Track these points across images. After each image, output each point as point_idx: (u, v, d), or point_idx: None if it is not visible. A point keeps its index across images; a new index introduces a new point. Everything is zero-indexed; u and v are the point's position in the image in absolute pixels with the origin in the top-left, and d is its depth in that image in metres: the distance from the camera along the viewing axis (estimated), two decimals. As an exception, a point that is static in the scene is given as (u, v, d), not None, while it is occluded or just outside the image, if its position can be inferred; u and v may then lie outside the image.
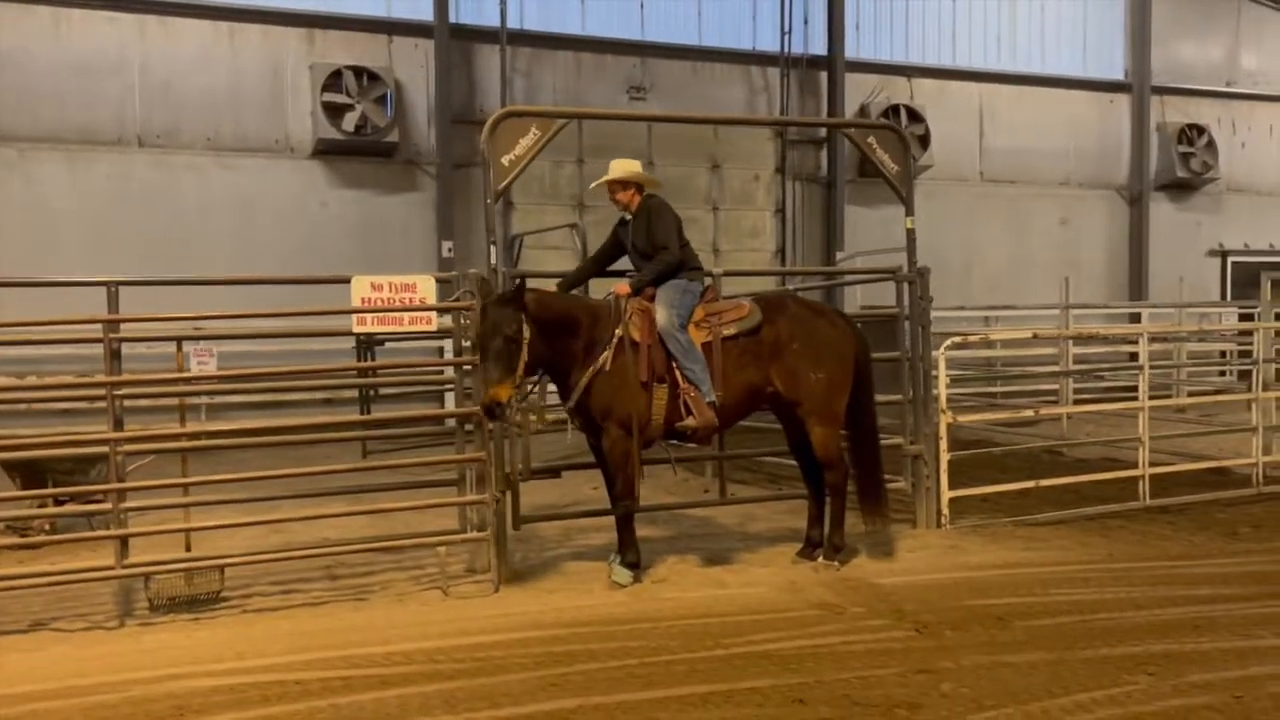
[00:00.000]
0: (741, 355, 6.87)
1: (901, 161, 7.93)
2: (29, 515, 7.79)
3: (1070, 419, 13.84)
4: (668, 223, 6.94)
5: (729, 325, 6.88)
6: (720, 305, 7.00)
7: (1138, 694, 4.73)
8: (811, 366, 6.90)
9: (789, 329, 6.93)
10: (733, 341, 6.87)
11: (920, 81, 19.37)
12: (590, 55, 17.41)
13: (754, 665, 5.14)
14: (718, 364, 6.78)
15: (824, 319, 7.15)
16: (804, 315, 7.08)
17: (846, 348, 7.07)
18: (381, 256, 15.43)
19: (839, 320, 7.28)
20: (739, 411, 7.08)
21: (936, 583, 6.61)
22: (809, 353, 6.91)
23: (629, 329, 6.68)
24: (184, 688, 4.90)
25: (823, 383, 6.90)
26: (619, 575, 6.69)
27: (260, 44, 15.60)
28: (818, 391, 6.91)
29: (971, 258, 19.65)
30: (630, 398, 6.60)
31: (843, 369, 7.02)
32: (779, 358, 6.90)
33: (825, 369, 6.92)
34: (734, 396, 6.85)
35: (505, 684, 4.93)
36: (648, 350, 6.67)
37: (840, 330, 7.13)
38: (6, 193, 14.40)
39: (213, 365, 11.06)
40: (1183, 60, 21.36)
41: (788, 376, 6.90)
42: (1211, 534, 7.97)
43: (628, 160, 7.17)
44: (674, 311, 6.75)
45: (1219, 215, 21.77)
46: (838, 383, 6.99)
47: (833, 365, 6.96)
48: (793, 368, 6.89)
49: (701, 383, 6.69)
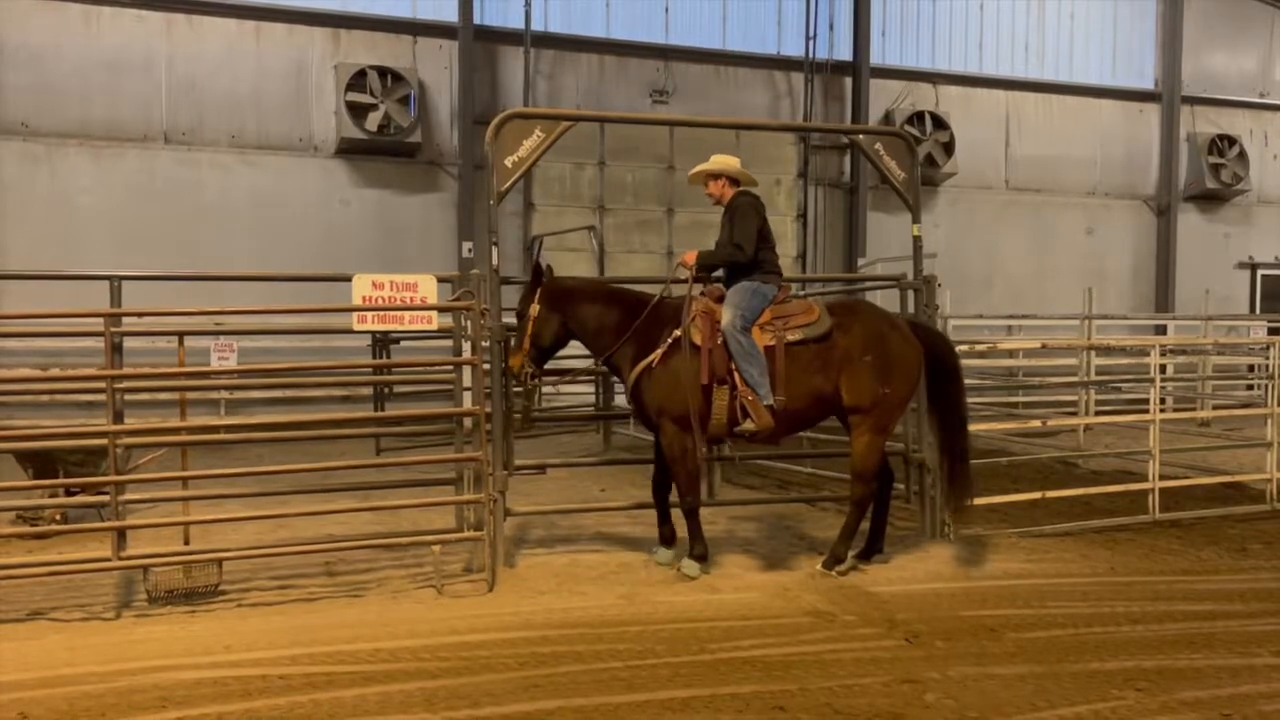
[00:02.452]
0: (810, 361, 6.83)
1: (909, 169, 7.87)
2: (39, 505, 7.91)
3: (1088, 430, 13.70)
4: (749, 222, 6.98)
5: (795, 330, 6.85)
6: (789, 308, 6.96)
7: (1124, 710, 4.68)
8: (881, 380, 6.82)
9: (863, 340, 6.84)
10: (800, 346, 6.83)
11: (946, 88, 19.27)
12: (613, 58, 17.45)
13: (738, 671, 5.12)
14: (780, 368, 6.76)
15: (898, 332, 7.00)
16: (879, 328, 6.93)
17: (915, 362, 6.98)
18: (402, 256, 15.54)
19: (910, 333, 7.09)
20: (805, 417, 7.07)
21: (932, 592, 6.56)
22: (880, 365, 6.82)
23: (690, 330, 6.76)
24: (170, 679, 4.95)
25: (887, 397, 6.84)
26: (688, 568, 6.88)
27: (285, 43, 15.75)
28: (880, 405, 6.85)
29: (994, 266, 19.53)
30: (686, 397, 6.71)
31: (908, 385, 6.99)
32: (849, 367, 6.82)
33: (893, 384, 6.85)
34: (799, 401, 6.84)
35: (488, 683, 4.94)
36: (709, 353, 6.73)
37: (912, 345, 6.99)
38: (33, 187, 14.61)
39: (233, 360, 11.18)
40: (1214, 70, 21.13)
41: (855, 386, 6.82)
42: (1220, 549, 7.85)
43: (727, 156, 7.29)
44: (739, 313, 6.76)
45: (1249, 227, 21.51)
46: (901, 398, 6.97)
47: (900, 381, 6.89)
48: (862, 379, 6.81)
49: (759, 386, 6.69)
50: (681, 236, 17.68)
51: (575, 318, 6.98)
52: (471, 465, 6.87)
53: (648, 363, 6.81)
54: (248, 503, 7.15)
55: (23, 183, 14.59)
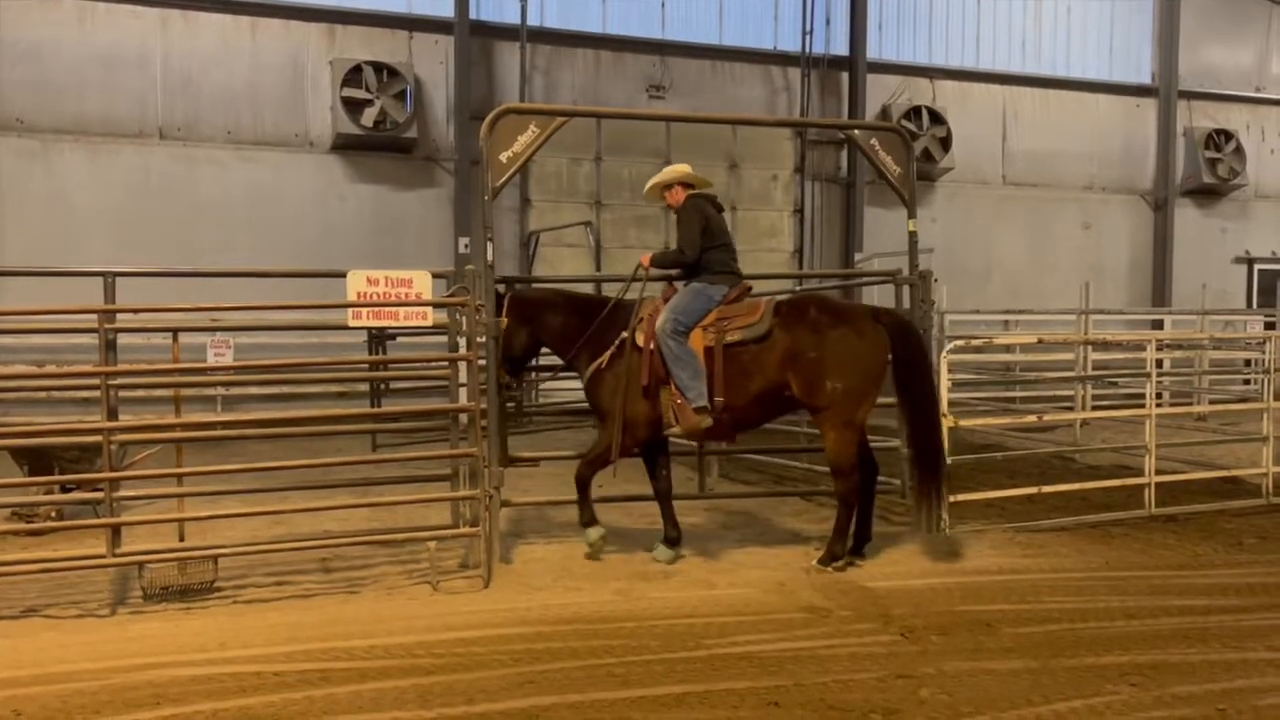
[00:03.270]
0: (752, 361, 6.86)
1: (904, 164, 7.87)
2: (34, 502, 7.89)
3: (1084, 425, 13.70)
4: (691, 224, 7.09)
5: (735, 331, 6.88)
6: (735, 309, 6.99)
7: (1118, 704, 4.67)
8: (828, 375, 6.75)
9: (806, 336, 6.81)
10: (740, 347, 6.86)
11: (943, 83, 19.26)
12: (610, 53, 17.43)
13: (733, 667, 5.11)
14: (719, 369, 6.81)
15: (846, 326, 6.88)
16: (824, 322, 6.86)
17: (872, 354, 6.86)
18: (398, 251, 15.52)
19: (867, 325, 6.95)
20: (755, 415, 7.12)
21: (928, 587, 6.56)
22: (826, 361, 6.76)
23: (636, 333, 6.92)
24: (164, 677, 4.94)
25: (839, 392, 6.76)
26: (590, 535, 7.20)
27: (281, 38, 15.73)
28: (834, 400, 6.79)
29: (992, 261, 19.54)
30: (626, 398, 6.92)
31: (862, 378, 6.83)
32: (795, 364, 6.81)
33: (844, 378, 6.75)
34: (744, 400, 6.89)
35: (482, 680, 4.94)
36: (650, 355, 6.85)
37: (866, 338, 6.87)
38: (28, 183, 14.60)
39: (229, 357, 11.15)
40: (1211, 65, 21.12)
41: (805, 383, 6.81)
42: (1215, 544, 7.85)
43: (678, 165, 7.50)
44: (674, 316, 6.86)
45: (1246, 222, 21.51)
46: (858, 392, 6.82)
47: (851, 374, 6.78)
48: (809, 375, 6.78)
49: (688, 389, 6.77)
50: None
51: (541, 326, 7.26)
52: (467, 461, 6.86)
53: (597, 364, 7.06)
54: (243, 499, 7.14)
55: (18, 179, 14.57)
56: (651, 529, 8.05)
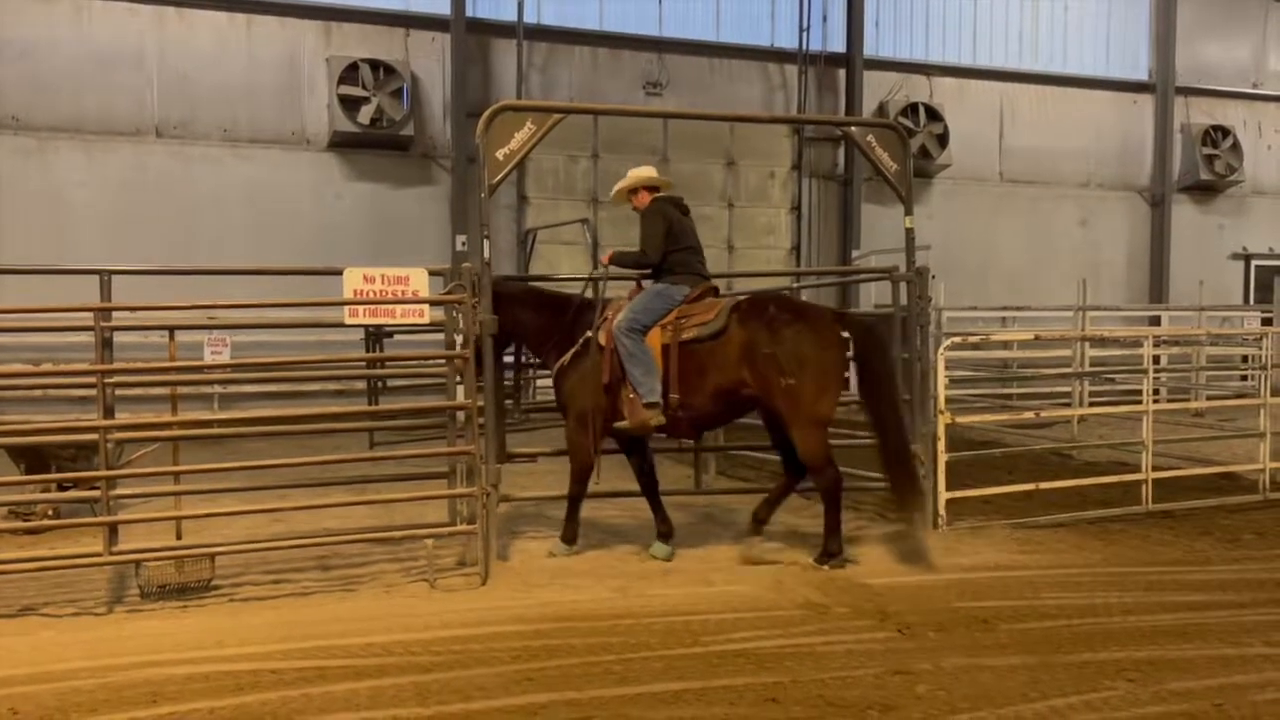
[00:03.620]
0: (707, 359, 6.92)
1: (901, 160, 7.85)
2: (30, 500, 7.88)
3: (1082, 421, 13.71)
4: (648, 227, 7.22)
5: (691, 329, 6.97)
6: (695, 308, 7.07)
7: (1115, 700, 4.68)
8: (784, 372, 6.74)
9: (761, 334, 6.81)
10: (696, 345, 6.94)
11: (940, 80, 19.26)
12: (607, 51, 17.42)
13: (731, 663, 5.11)
14: (674, 367, 6.92)
15: (803, 322, 6.87)
16: (780, 319, 6.86)
17: (823, 353, 6.83)
18: (395, 249, 15.48)
19: (823, 323, 6.97)
20: (714, 412, 7.17)
21: (925, 584, 6.56)
22: (782, 358, 6.75)
23: (599, 331, 7.06)
24: (161, 675, 4.93)
25: (795, 389, 6.74)
26: (557, 548, 7.26)
27: (277, 36, 15.72)
28: (792, 397, 6.77)
29: (989, 258, 19.53)
30: (587, 395, 7.06)
31: (818, 376, 6.78)
32: (751, 362, 6.83)
33: (799, 375, 6.73)
34: (701, 397, 6.98)
35: (480, 677, 4.93)
36: (610, 353, 7.00)
37: (821, 334, 6.86)
38: (24, 181, 14.59)
39: (226, 355, 11.12)
40: (1208, 61, 21.12)
41: (761, 381, 6.83)
42: (1212, 540, 7.86)
43: (642, 168, 7.55)
44: (633, 315, 6.99)
45: (1243, 218, 21.53)
46: (815, 388, 6.78)
47: (806, 373, 6.75)
48: (765, 373, 6.79)
49: (640, 385, 6.88)
50: (675, 229, 17.65)
51: (510, 321, 7.22)
52: (464, 458, 6.86)
53: (561, 361, 7.20)
54: (241, 497, 7.14)
55: (14, 177, 14.56)
56: (648, 525, 8.05)
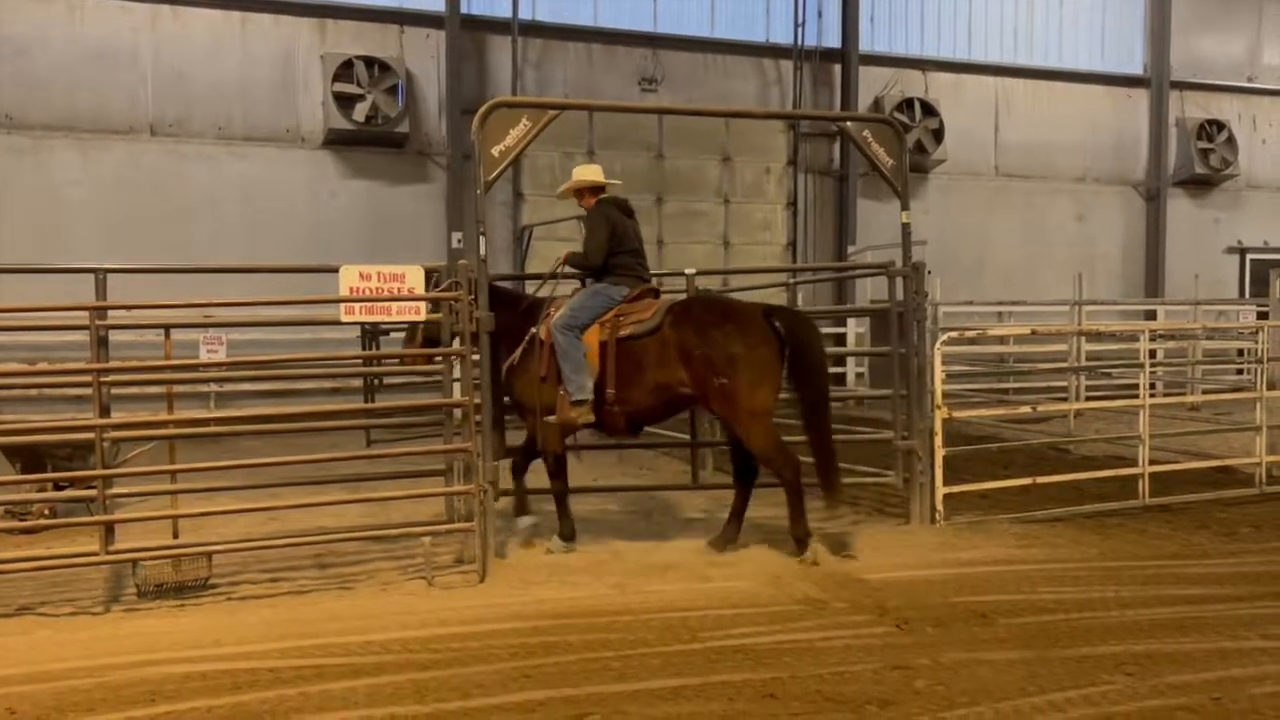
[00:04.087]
0: (643, 356, 7.02)
1: (897, 156, 7.85)
2: (26, 500, 7.86)
3: (1079, 416, 13.72)
4: (595, 231, 7.37)
5: (628, 326, 7.07)
6: (634, 306, 7.20)
7: (1114, 694, 4.67)
8: (716, 371, 6.84)
9: (692, 333, 6.91)
10: (632, 342, 7.03)
11: (935, 75, 19.26)
12: (601, 47, 17.41)
13: (729, 659, 5.11)
14: (610, 365, 7.02)
15: (731, 322, 6.98)
16: (709, 319, 6.98)
17: (758, 349, 6.90)
18: (391, 247, 15.48)
19: (753, 321, 7.01)
20: (651, 408, 7.25)
21: (923, 579, 6.56)
22: (712, 357, 6.85)
23: (542, 328, 7.19)
24: (158, 674, 4.91)
25: (729, 387, 6.84)
26: (555, 546, 7.29)
27: (271, 33, 15.68)
28: (727, 396, 6.87)
29: (984, 253, 19.55)
30: (533, 391, 7.17)
31: (754, 370, 6.86)
32: (686, 361, 6.92)
33: (730, 373, 6.82)
34: (638, 393, 7.09)
35: (478, 674, 4.92)
36: (549, 350, 7.13)
37: (754, 335, 6.93)
38: (19, 180, 14.55)
39: (222, 353, 11.10)
40: (1203, 55, 21.14)
41: (697, 382, 6.93)
42: (1209, 533, 7.87)
43: (588, 166, 7.74)
44: (570, 313, 7.12)
45: (1238, 212, 21.56)
46: (749, 384, 6.86)
47: (741, 369, 6.84)
48: (699, 372, 6.89)
49: (570, 382, 7.00)
50: (671, 225, 17.68)
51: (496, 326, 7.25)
52: (461, 456, 6.84)
53: (511, 359, 7.30)
54: (237, 496, 7.13)
55: (8, 176, 14.52)
56: (647, 521, 8.07)
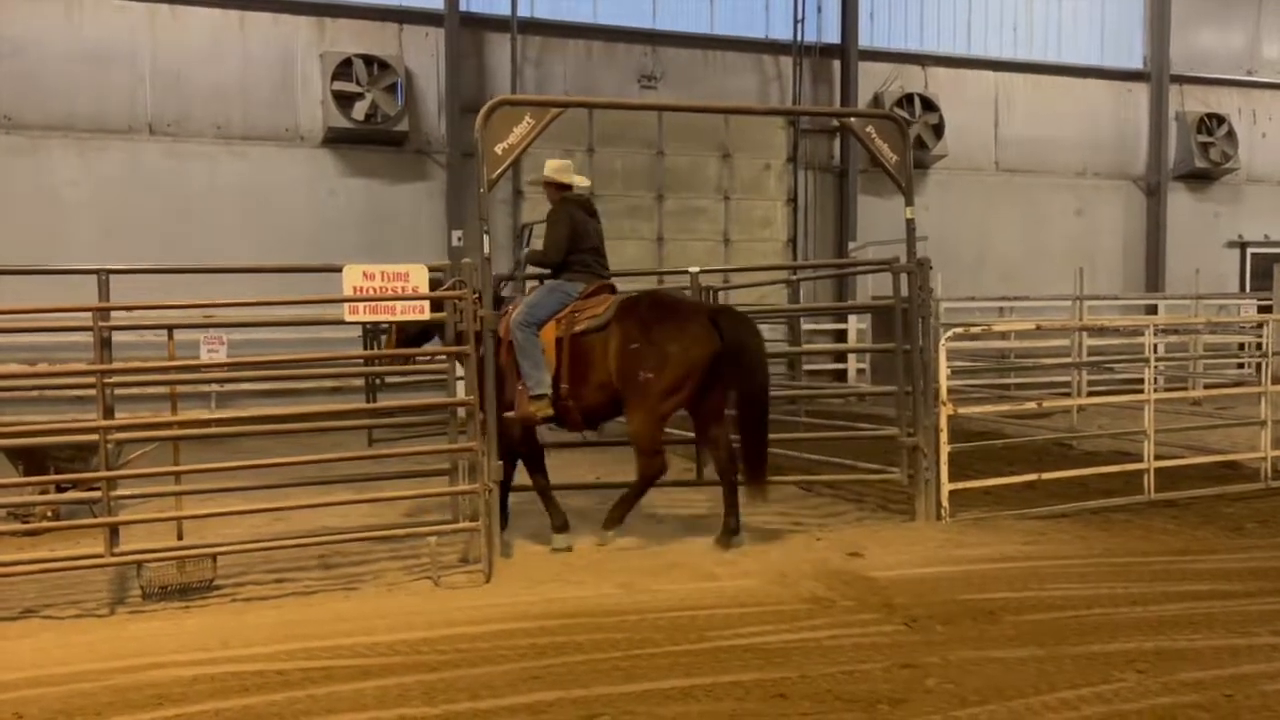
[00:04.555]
0: (591, 352, 7.14)
1: (900, 151, 7.82)
2: (29, 501, 7.83)
3: (1081, 411, 13.71)
4: (554, 229, 7.42)
5: (581, 322, 7.17)
6: (588, 303, 7.28)
7: (1125, 691, 4.66)
8: (642, 366, 6.94)
9: (634, 329, 7.02)
10: (585, 338, 7.15)
11: (935, 70, 19.22)
12: (601, 44, 17.36)
13: (738, 659, 5.09)
14: (565, 361, 7.12)
15: (671, 320, 7.08)
16: (650, 316, 7.07)
17: (692, 348, 7.00)
18: (391, 245, 15.45)
19: (693, 322, 7.12)
20: (602, 405, 7.34)
21: (930, 576, 6.54)
22: (643, 352, 6.95)
23: (501, 325, 7.31)
24: (166, 676, 4.89)
25: (648, 382, 6.95)
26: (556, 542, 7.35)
27: (270, 32, 15.63)
28: (641, 388, 6.99)
29: (985, 248, 19.53)
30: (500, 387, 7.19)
31: (678, 369, 6.98)
32: (620, 356, 7.04)
33: (655, 369, 6.93)
34: (589, 390, 7.20)
35: (486, 675, 4.90)
36: (508, 346, 7.24)
37: (689, 331, 7.04)
38: (17, 180, 14.50)
39: (223, 353, 11.07)
40: (1203, 49, 21.11)
41: (621, 375, 7.03)
42: (1215, 529, 7.86)
43: (561, 163, 7.70)
44: (527, 309, 7.24)
45: (1238, 206, 21.53)
46: (666, 383, 6.98)
47: (663, 367, 6.94)
48: (626, 366, 6.99)
49: (528, 378, 7.11)
50: (672, 222, 17.65)
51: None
52: (466, 455, 6.82)
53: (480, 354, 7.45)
54: (242, 496, 7.11)
55: (7, 176, 14.47)
56: (650, 519, 8.04)
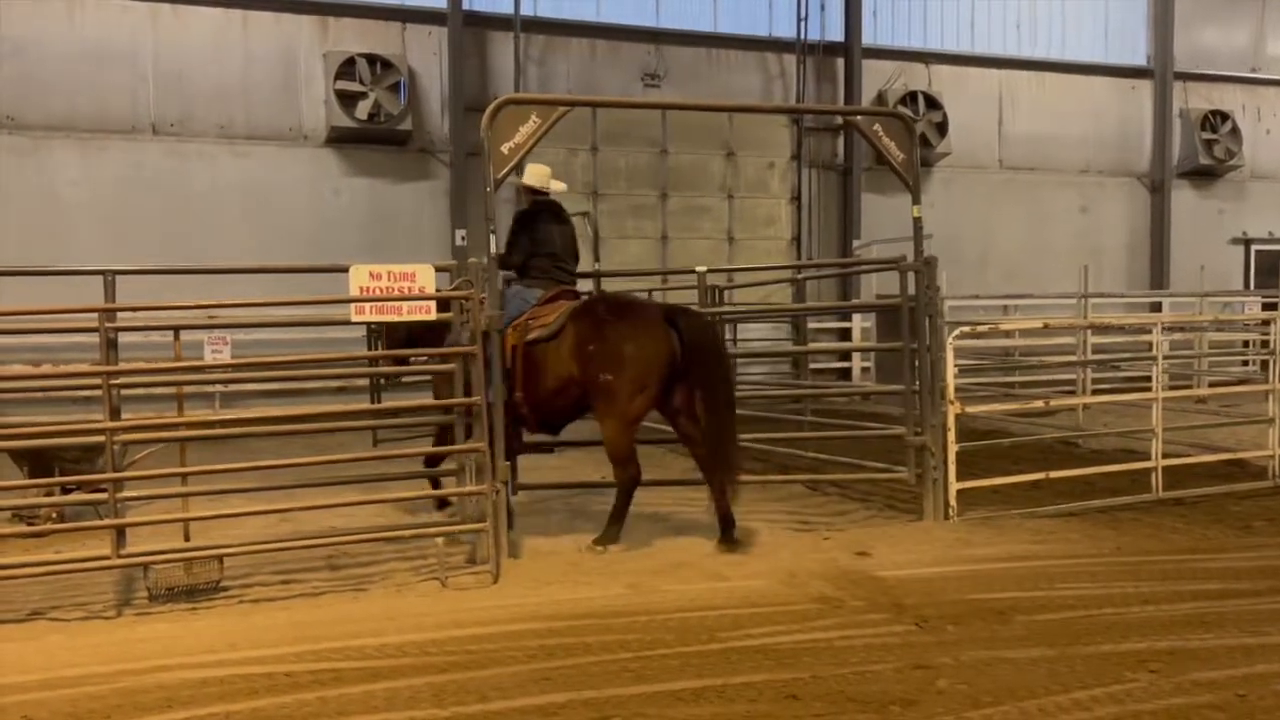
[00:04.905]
0: (547, 357, 7.22)
1: (907, 149, 7.79)
2: (35, 503, 7.81)
3: (1087, 410, 13.68)
4: (512, 232, 7.66)
5: (535, 330, 7.26)
6: (543, 309, 7.37)
7: (1138, 692, 4.63)
8: (603, 368, 7.00)
9: (589, 331, 7.09)
10: (538, 344, 7.23)
11: (938, 68, 19.20)
12: (604, 42, 17.34)
13: (749, 660, 5.06)
14: (518, 367, 7.20)
15: (626, 322, 7.14)
16: (606, 319, 7.14)
17: (649, 349, 7.06)
18: (395, 245, 15.45)
19: (649, 324, 7.18)
20: (557, 410, 7.44)
21: (940, 576, 6.51)
22: (600, 354, 7.00)
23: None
24: (174, 679, 4.87)
25: (610, 384, 7.00)
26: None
27: (273, 32, 15.62)
28: (606, 393, 7.04)
29: (989, 246, 19.50)
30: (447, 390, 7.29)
31: (639, 371, 7.04)
32: (580, 360, 7.09)
33: (616, 371, 6.99)
34: (544, 396, 7.29)
35: (496, 677, 4.88)
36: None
37: (645, 333, 7.10)
38: (20, 181, 14.49)
39: (227, 354, 11.04)
40: (1207, 46, 21.07)
41: (583, 375, 7.09)
42: (1224, 527, 7.83)
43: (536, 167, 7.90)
44: None
45: (1242, 203, 21.50)
46: (627, 385, 7.02)
47: (622, 369, 7.00)
48: (588, 370, 7.05)
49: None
50: (675, 221, 17.63)
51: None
52: (473, 456, 6.80)
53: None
54: (248, 497, 7.09)
55: (9, 177, 14.46)
56: (655, 519, 8.03)
